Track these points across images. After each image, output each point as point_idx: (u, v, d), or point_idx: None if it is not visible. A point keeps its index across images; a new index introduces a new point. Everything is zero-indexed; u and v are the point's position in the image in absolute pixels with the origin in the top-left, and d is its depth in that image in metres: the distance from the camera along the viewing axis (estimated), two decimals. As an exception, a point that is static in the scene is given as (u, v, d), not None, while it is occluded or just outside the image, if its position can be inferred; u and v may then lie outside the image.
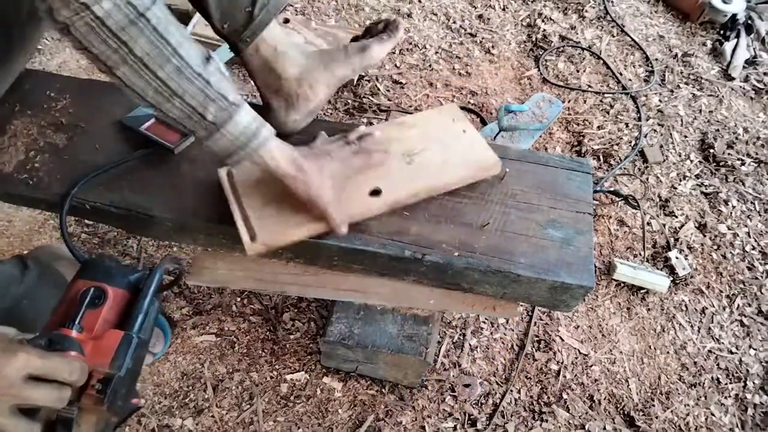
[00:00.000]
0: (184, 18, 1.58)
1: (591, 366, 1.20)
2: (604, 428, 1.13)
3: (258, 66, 0.85)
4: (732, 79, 1.74)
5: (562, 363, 1.20)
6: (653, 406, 1.16)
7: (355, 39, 0.93)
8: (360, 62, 0.88)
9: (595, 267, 1.32)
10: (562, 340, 1.22)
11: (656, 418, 1.14)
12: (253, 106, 0.72)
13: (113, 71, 0.61)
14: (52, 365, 0.53)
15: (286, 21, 1.58)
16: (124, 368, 0.58)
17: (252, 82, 0.90)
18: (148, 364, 1.11)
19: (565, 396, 1.15)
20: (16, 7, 0.80)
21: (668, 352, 1.23)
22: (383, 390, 1.13)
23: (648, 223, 1.41)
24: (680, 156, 1.55)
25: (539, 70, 1.72)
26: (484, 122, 1.57)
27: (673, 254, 1.34)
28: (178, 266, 0.67)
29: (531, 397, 1.15)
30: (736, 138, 1.58)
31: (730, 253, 1.37)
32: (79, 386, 0.55)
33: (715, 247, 1.38)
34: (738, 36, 1.82)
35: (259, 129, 0.69)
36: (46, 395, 0.52)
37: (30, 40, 0.88)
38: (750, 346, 1.26)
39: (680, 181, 1.50)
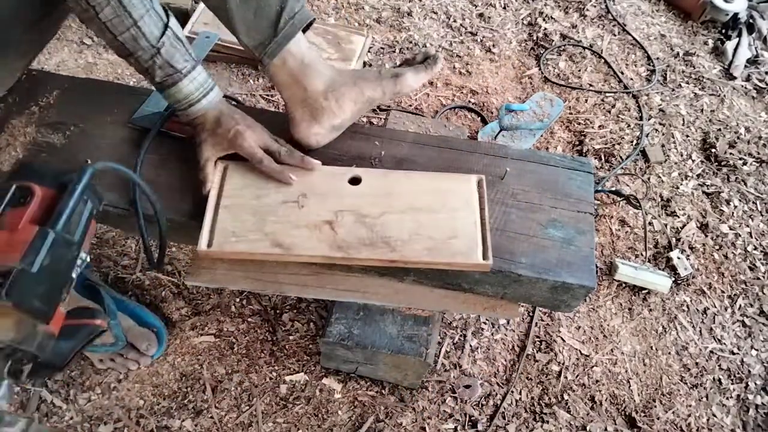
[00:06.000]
0: (183, 17, 1.58)
1: (592, 367, 1.19)
2: (606, 429, 1.12)
3: (284, 79, 0.84)
4: (733, 78, 1.73)
5: (563, 364, 1.19)
6: (654, 407, 1.15)
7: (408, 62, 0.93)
8: (392, 88, 0.87)
9: (597, 267, 1.31)
10: (563, 340, 1.22)
11: (657, 419, 1.14)
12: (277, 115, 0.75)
13: (87, 24, 0.74)
14: None
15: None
16: (37, 264, 0.54)
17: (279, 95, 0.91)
18: (145, 365, 1.11)
19: (566, 397, 1.15)
20: (18, 9, 0.79)
21: (670, 353, 1.23)
22: (383, 391, 1.12)
23: (649, 223, 1.41)
24: (682, 156, 1.54)
25: (540, 69, 1.71)
26: (484, 121, 1.56)
27: (674, 254, 1.33)
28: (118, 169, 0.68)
29: (532, 398, 1.15)
30: (738, 137, 1.57)
31: (732, 253, 1.37)
32: None
33: (717, 247, 1.37)
34: (740, 35, 1.82)
35: (202, 96, 0.79)
36: None
37: (30, 43, 0.87)
38: (752, 347, 1.25)
39: (682, 180, 1.49)
